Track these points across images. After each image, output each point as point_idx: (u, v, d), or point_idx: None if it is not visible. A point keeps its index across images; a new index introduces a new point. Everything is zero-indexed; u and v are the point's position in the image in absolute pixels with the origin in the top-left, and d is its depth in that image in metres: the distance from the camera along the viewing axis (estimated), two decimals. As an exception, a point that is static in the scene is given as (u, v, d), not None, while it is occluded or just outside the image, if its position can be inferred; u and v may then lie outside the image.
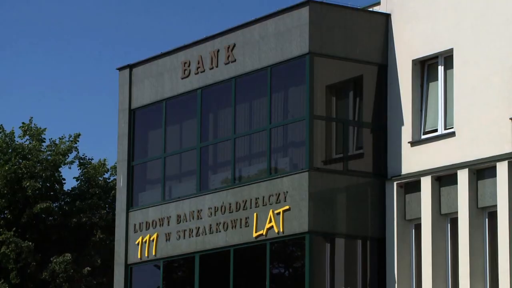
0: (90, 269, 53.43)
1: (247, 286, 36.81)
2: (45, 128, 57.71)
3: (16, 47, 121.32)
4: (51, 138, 57.83)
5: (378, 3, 36.31)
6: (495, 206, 32.20)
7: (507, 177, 31.73)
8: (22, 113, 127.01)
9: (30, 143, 57.27)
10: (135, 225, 39.92)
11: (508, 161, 31.66)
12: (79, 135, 58.46)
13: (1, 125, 57.44)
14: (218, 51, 37.28)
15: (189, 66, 38.47)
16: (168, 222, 38.48)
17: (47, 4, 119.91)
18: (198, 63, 38.01)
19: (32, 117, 58.08)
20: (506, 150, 31.69)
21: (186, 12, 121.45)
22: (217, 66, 37.37)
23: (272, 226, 34.22)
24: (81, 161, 58.38)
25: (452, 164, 32.80)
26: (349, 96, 36.12)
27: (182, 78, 38.73)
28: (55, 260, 52.34)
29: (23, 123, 58.08)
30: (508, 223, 31.68)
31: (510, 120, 31.46)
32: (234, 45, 36.65)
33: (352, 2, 36.52)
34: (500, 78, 32.16)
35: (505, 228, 31.69)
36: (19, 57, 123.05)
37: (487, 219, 32.87)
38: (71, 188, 57.88)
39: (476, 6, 33.46)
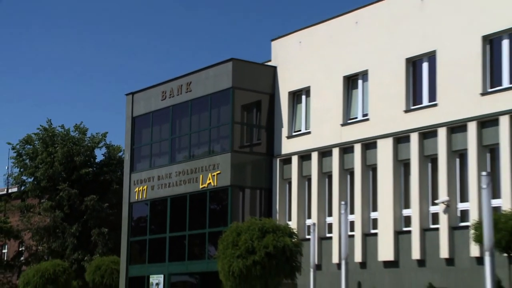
0: (108, 204, 53.20)
1: (196, 215, 37.73)
2: (87, 128, 57.80)
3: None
4: (92, 133, 57.84)
5: (270, 60, 38.06)
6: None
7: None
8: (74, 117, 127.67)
9: (78, 135, 57.05)
10: (134, 181, 41.33)
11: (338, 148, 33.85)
12: (107, 132, 57.61)
13: (63, 124, 56.76)
14: (181, 85, 39.09)
15: (165, 93, 40.09)
16: (153, 179, 40.06)
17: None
18: (171, 92, 39.68)
19: (82, 121, 57.38)
20: (337, 141, 33.93)
21: (164, 61, 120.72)
22: (181, 94, 39.19)
23: (210, 182, 36.57)
24: (107, 145, 58.04)
25: (307, 149, 35.03)
26: (253, 111, 38.30)
27: (161, 100, 40.33)
28: (88, 199, 52.39)
29: (75, 124, 57.73)
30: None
31: (340, 126, 33.75)
32: (191, 82, 38.55)
33: (256, 59, 39.15)
34: (335, 105, 34.24)
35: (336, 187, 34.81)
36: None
37: (326, 179, 34.92)
38: (100, 160, 58.06)
39: (322, 60, 34.97)
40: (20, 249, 60.81)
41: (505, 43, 28.64)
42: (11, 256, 60.52)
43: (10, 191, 62.68)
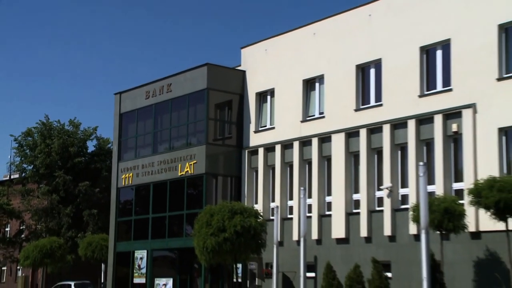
0: (98, 189, 53.70)
1: (175, 199, 37.36)
2: (81, 123, 58.04)
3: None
4: (84, 127, 58.24)
5: (239, 65, 37.91)
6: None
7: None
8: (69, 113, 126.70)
9: (72, 129, 57.37)
10: (121, 169, 40.98)
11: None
12: (97, 126, 58.60)
13: (59, 120, 57.33)
14: (163, 86, 38.80)
15: (149, 93, 39.82)
16: (137, 168, 39.79)
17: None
18: (153, 92, 39.46)
19: (76, 117, 58.08)
20: (297, 135, 34.06)
21: (149, 65, 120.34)
22: (162, 94, 38.89)
23: (188, 170, 36.40)
24: (97, 138, 58.63)
25: (272, 142, 34.97)
26: (225, 109, 37.99)
27: (145, 99, 40.02)
28: (80, 185, 53.13)
29: (70, 119, 58.20)
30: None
31: (300, 122, 33.87)
32: (171, 84, 38.35)
33: (228, 64, 38.91)
34: (295, 104, 34.31)
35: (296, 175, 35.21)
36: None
37: (288, 168, 34.96)
38: (92, 151, 58.52)
39: (285, 65, 35.07)
40: (21, 227, 60.38)
41: (439, 53, 28.96)
42: (13, 233, 60.12)
43: (12, 177, 62.41)
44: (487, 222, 23.98)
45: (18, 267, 58.36)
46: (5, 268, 62.67)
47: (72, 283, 45.28)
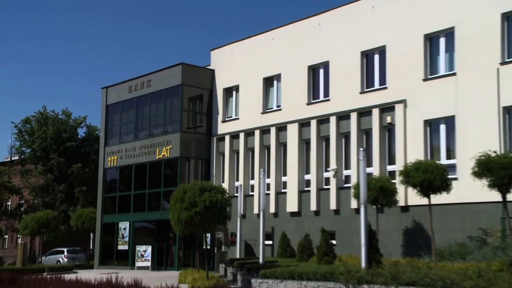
0: (88, 169, 53.82)
1: (154, 178, 37.04)
2: (71, 112, 57.24)
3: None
4: (75, 116, 57.79)
5: (209, 65, 37.56)
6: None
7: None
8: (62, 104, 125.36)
9: (65, 118, 56.76)
10: (107, 152, 40.47)
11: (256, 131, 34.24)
12: (86, 116, 57.99)
13: (53, 110, 56.83)
14: (143, 82, 38.44)
15: (131, 88, 39.34)
16: (121, 151, 39.45)
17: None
18: (135, 87, 39.02)
19: (68, 107, 58.43)
20: (258, 125, 34.02)
21: (132, 64, 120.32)
22: (143, 88, 38.48)
23: (164, 154, 36.17)
24: (87, 126, 58.09)
25: (236, 131, 34.96)
26: (197, 102, 37.63)
27: (128, 93, 39.55)
28: (73, 166, 53.20)
29: (63, 109, 57.72)
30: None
31: (261, 114, 33.78)
32: (150, 80, 38.04)
33: (199, 64, 38.37)
34: (257, 98, 34.32)
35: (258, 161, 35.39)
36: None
37: (250, 152, 34.60)
38: (82, 136, 57.78)
39: (248, 65, 34.90)
40: (21, 202, 60.22)
41: (376, 57, 29.28)
42: (14, 207, 59.68)
43: (13, 159, 62.16)
44: (414, 198, 24.22)
45: (18, 236, 57.87)
46: (7, 236, 62.13)
47: (65, 249, 45.02)
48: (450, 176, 22.68)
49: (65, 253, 44.55)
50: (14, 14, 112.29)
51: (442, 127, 26.55)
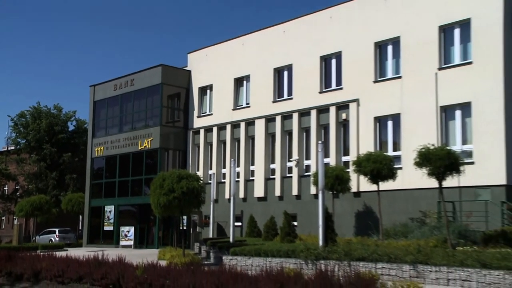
0: (77, 158, 53.46)
1: (136, 167, 36.80)
2: (63, 107, 56.55)
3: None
4: (66, 111, 56.95)
5: (186, 66, 37.23)
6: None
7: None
8: (54, 100, 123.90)
9: (57, 112, 56.17)
10: (95, 144, 39.98)
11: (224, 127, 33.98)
12: (76, 110, 57.88)
13: (46, 105, 56.06)
14: (127, 81, 38.12)
15: (116, 86, 38.97)
16: (107, 143, 39.06)
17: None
18: (120, 85, 38.64)
19: (59, 102, 57.89)
20: (229, 120, 33.86)
21: (117, 65, 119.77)
22: (127, 86, 38.13)
23: (146, 145, 36.02)
24: (76, 119, 57.63)
25: (210, 125, 34.78)
26: (175, 99, 37.11)
27: (114, 90, 39.13)
28: (64, 156, 52.63)
29: (54, 104, 56.87)
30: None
31: (232, 110, 33.66)
32: (134, 79, 37.74)
33: (178, 65, 37.78)
34: (228, 96, 34.17)
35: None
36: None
37: (222, 144, 34.29)
38: (72, 129, 57.12)
39: (220, 67, 34.73)
40: (16, 187, 59.40)
41: (333, 61, 29.39)
42: (10, 192, 59.15)
43: (9, 148, 61.20)
44: (365, 185, 24.38)
45: (14, 217, 57.05)
46: (4, 218, 61.50)
47: (57, 230, 44.61)
48: (395, 166, 22.91)
49: (57, 233, 44.16)
50: (11, 20, 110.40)
51: (389, 123, 26.77)
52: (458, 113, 24.38)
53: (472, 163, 22.79)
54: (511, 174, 22.68)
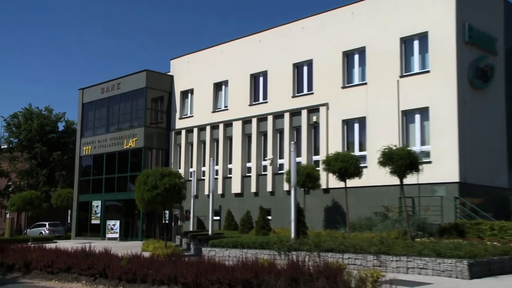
0: (66, 157, 52.30)
1: (122, 165, 36.40)
2: (53, 109, 55.51)
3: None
4: (56, 112, 55.62)
5: (169, 71, 36.86)
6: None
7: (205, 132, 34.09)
8: (45, 102, 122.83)
9: (47, 113, 55.26)
10: (83, 143, 39.43)
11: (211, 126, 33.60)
12: (65, 112, 55.70)
13: (37, 106, 55.11)
14: (114, 85, 37.54)
15: (104, 89, 38.40)
16: (95, 142, 38.49)
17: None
18: (108, 89, 38.07)
19: (50, 104, 56.86)
20: (209, 121, 33.60)
21: (105, 69, 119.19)
22: (114, 90, 37.59)
23: (131, 145, 35.57)
24: (66, 120, 56.51)
25: (191, 126, 34.50)
26: (159, 102, 36.68)
27: (101, 93, 38.55)
28: (54, 154, 51.88)
29: (45, 106, 56.53)
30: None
31: (211, 113, 33.48)
32: (120, 83, 37.18)
33: (161, 70, 37.37)
34: (208, 100, 33.95)
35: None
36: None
37: (202, 144, 33.83)
38: (61, 129, 56.06)
39: (200, 73, 34.51)
40: (9, 183, 58.54)
41: (305, 69, 29.38)
42: (3, 187, 58.09)
43: (2, 147, 60.30)
44: (333, 182, 24.42)
45: (6, 212, 56.13)
46: (-3, 212, 60.79)
47: (47, 223, 43.85)
48: (361, 165, 23.06)
49: (47, 226, 43.38)
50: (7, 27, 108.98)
51: (356, 126, 26.85)
52: (417, 117, 24.67)
53: (429, 162, 23.07)
54: (463, 172, 22.99)
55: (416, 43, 25.04)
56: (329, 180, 26.24)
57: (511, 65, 27.08)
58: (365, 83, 26.48)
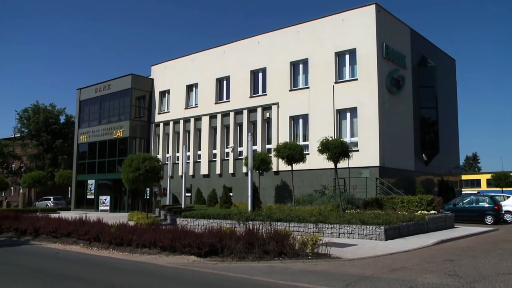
0: (67, 144, 49.86)
1: (111, 151, 35.00)
2: (56, 105, 52.60)
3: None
4: (58, 108, 53.08)
5: (150, 75, 35.46)
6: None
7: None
8: (49, 99, 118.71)
9: (51, 109, 52.62)
10: (80, 133, 37.80)
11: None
12: (65, 107, 55.33)
13: (43, 103, 53.24)
14: (105, 86, 36.08)
15: (97, 89, 36.85)
16: (90, 132, 36.96)
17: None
18: (100, 89, 36.59)
19: (53, 101, 54.85)
20: (182, 116, 32.37)
21: (99, 72, 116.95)
22: (105, 90, 36.10)
23: (119, 135, 34.38)
24: (66, 114, 53.55)
25: (168, 120, 33.21)
26: (142, 100, 35.05)
27: (95, 93, 36.98)
28: (56, 142, 49.75)
29: (50, 103, 53.60)
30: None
31: (184, 109, 32.37)
32: (110, 84, 35.73)
33: (144, 74, 35.81)
34: (181, 99, 32.68)
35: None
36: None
37: (176, 135, 32.78)
38: (63, 122, 53.07)
39: (176, 76, 33.26)
40: (21, 165, 56.42)
41: (260, 74, 28.79)
42: (16, 168, 56.12)
43: (15, 135, 58.23)
44: (282, 166, 24.60)
45: (19, 188, 54.59)
46: (12, 187, 58.78)
47: (52, 197, 43.00)
48: (305, 152, 23.18)
49: (52, 200, 42.53)
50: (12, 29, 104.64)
51: (301, 121, 26.61)
52: (348, 115, 24.59)
53: (357, 150, 23.13)
54: (382, 158, 23.10)
55: (347, 57, 24.88)
56: (279, 164, 26.07)
57: (417, 76, 27.50)
58: (308, 87, 26.19)
